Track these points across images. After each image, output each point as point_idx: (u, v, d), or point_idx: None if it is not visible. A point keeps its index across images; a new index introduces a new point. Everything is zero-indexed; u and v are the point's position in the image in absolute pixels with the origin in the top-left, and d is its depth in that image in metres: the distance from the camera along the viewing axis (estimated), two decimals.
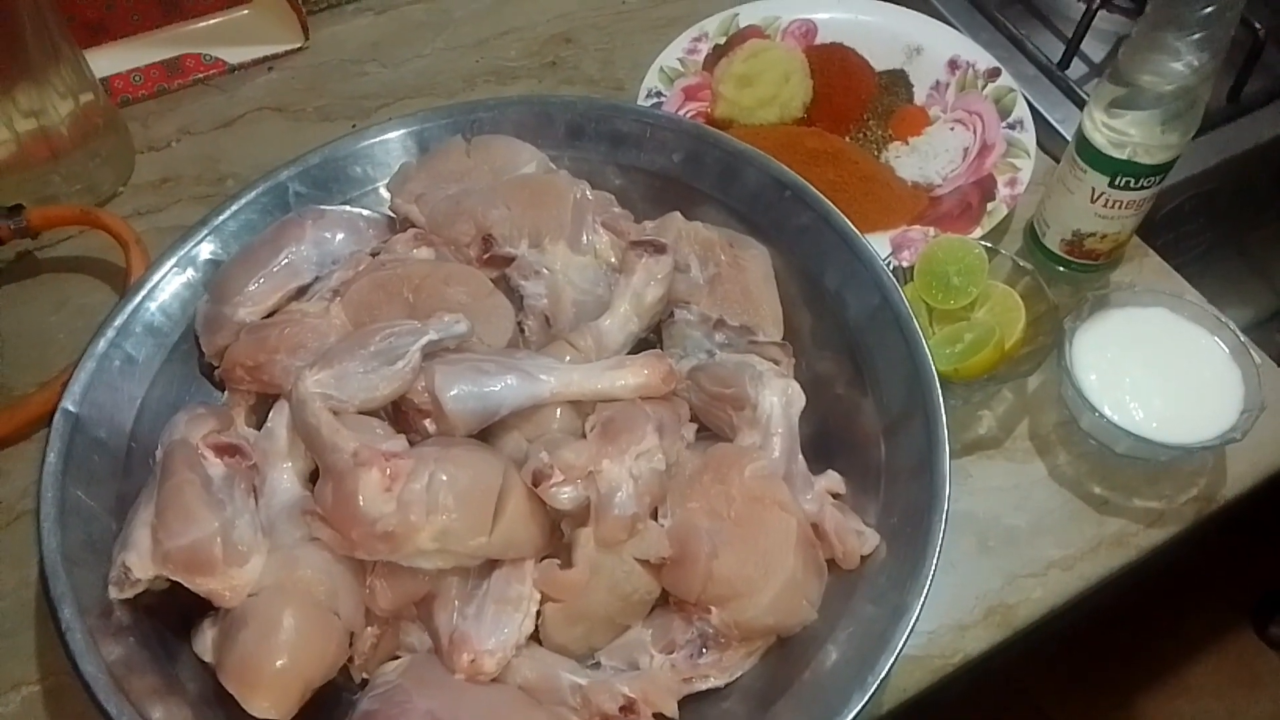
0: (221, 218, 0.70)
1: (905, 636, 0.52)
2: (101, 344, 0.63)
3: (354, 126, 0.91)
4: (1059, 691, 1.44)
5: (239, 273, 0.67)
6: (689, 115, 0.89)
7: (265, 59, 0.98)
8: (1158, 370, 0.71)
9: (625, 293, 0.65)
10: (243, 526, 0.56)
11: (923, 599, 0.53)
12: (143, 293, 0.66)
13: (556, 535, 0.59)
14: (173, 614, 0.57)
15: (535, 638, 0.57)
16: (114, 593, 0.56)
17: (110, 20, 0.96)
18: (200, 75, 0.97)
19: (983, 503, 0.71)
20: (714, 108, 0.89)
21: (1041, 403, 0.75)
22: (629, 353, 0.65)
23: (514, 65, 0.98)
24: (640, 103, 0.88)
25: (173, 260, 0.68)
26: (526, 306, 0.68)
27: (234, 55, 0.97)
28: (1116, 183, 0.71)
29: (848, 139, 0.88)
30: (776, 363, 0.66)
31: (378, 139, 0.74)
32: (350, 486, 0.53)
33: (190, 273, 0.68)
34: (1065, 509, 0.71)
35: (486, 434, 0.60)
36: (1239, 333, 0.71)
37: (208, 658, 0.56)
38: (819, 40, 0.93)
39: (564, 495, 0.55)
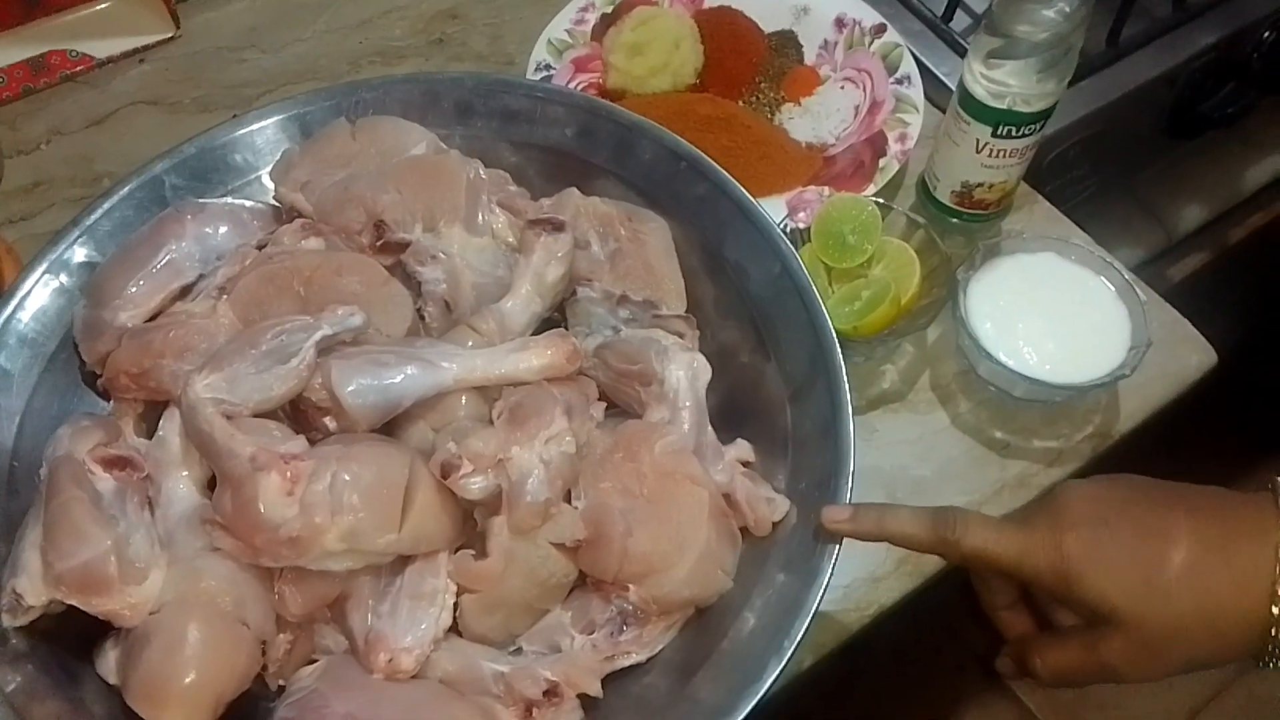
0: (94, 217, 0.67)
1: (818, 599, 0.53)
2: None
3: (235, 116, 0.88)
4: (987, 628, 1.49)
5: (117, 275, 0.64)
6: (581, 87, 0.88)
7: (135, 51, 0.94)
8: (1049, 314, 0.73)
9: (526, 273, 0.64)
10: (138, 542, 0.54)
11: (834, 561, 0.53)
12: (13, 302, 0.63)
13: (470, 525, 0.58)
14: (73, 636, 0.55)
15: (454, 629, 0.56)
16: (7, 620, 0.54)
17: None
18: (68, 72, 0.92)
19: (889, 456, 0.72)
20: (606, 78, 0.88)
21: (941, 354, 0.77)
22: (533, 333, 0.64)
23: (400, 44, 0.96)
24: (530, 77, 0.87)
25: (44, 266, 0.65)
26: (425, 293, 0.66)
27: (101, 49, 0.93)
28: (999, 132, 0.73)
29: (741, 103, 0.88)
30: (681, 336, 0.65)
31: (257, 125, 0.72)
32: (250, 492, 0.52)
33: (64, 278, 0.65)
34: (969, 455, 0.73)
35: (391, 426, 0.59)
36: (1124, 271, 0.74)
37: (112, 679, 0.54)
38: (707, 4, 0.93)
39: (474, 485, 0.55)
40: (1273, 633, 0.44)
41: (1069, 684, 0.50)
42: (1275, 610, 0.44)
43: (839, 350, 0.59)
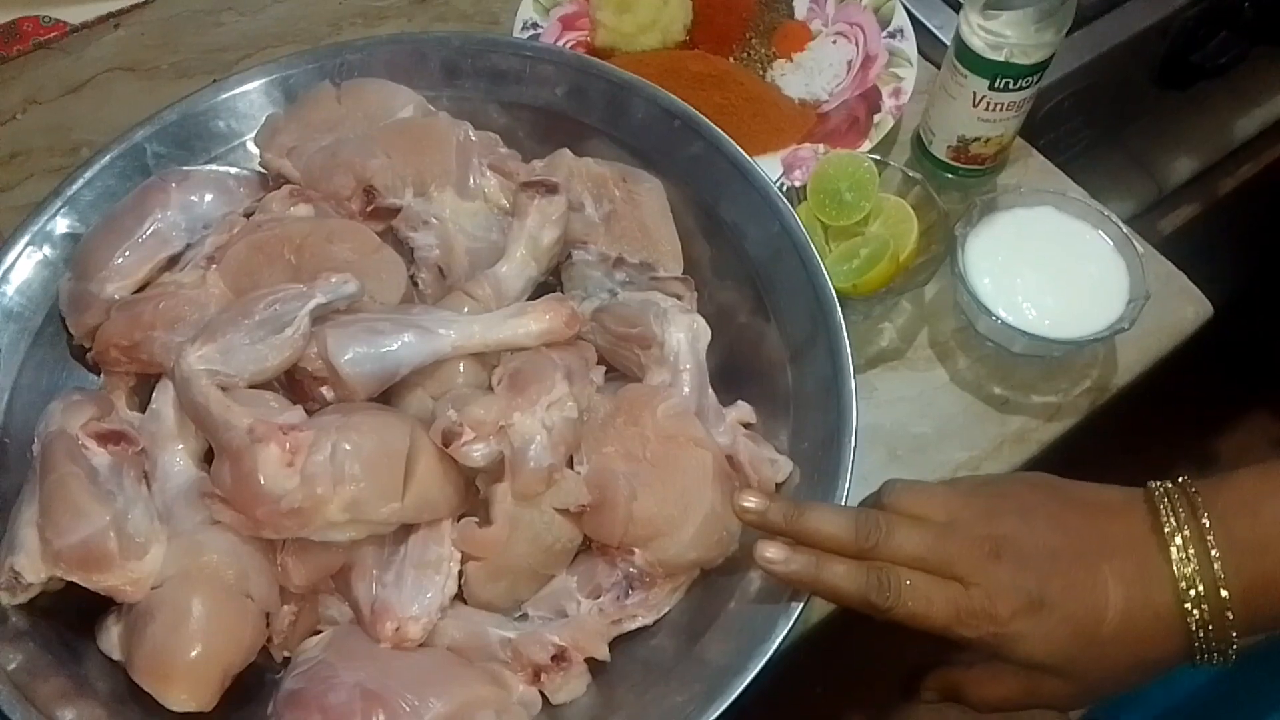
0: (75, 187, 0.65)
1: None
2: None
3: (215, 81, 0.85)
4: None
5: (102, 245, 0.63)
6: (569, 45, 0.86)
7: (110, 16, 0.91)
8: (1047, 268, 0.72)
9: (520, 237, 0.63)
10: (137, 516, 0.53)
11: None
12: None
13: (472, 492, 0.58)
14: (74, 613, 0.55)
15: (460, 597, 0.56)
16: (6, 599, 0.53)
17: None
18: (41, 39, 0.90)
19: (889, 414, 0.72)
20: (594, 36, 0.87)
21: (939, 310, 0.76)
22: (529, 298, 0.63)
23: (382, 4, 0.93)
24: (516, 35, 0.85)
25: (26, 238, 0.63)
26: (418, 259, 0.65)
27: (75, 14, 0.90)
28: (996, 85, 0.72)
29: (732, 60, 0.87)
30: (679, 297, 0.65)
31: (239, 89, 0.70)
32: (249, 465, 0.51)
33: (47, 249, 0.64)
34: (968, 412, 0.73)
35: (389, 395, 0.59)
36: (1121, 225, 0.73)
37: (116, 655, 0.54)
38: None
39: (477, 453, 0.54)
40: (1195, 641, 0.48)
41: (1002, 711, 0.53)
42: (1191, 620, 0.47)
43: (839, 308, 0.59)
